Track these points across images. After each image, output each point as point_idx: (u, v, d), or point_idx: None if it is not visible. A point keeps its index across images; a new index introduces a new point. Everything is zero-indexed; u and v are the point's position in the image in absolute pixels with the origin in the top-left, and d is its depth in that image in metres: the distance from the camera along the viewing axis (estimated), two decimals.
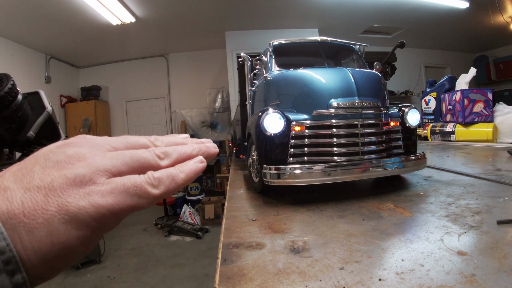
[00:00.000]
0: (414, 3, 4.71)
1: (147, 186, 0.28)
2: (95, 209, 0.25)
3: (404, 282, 0.50)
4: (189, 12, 4.59)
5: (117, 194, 0.26)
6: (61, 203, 0.24)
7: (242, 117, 1.86)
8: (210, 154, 0.36)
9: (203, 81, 6.67)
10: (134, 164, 0.29)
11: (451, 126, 2.97)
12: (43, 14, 4.09)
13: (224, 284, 0.54)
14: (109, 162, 0.28)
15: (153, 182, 0.28)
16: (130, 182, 0.27)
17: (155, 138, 0.34)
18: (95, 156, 0.28)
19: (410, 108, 1.26)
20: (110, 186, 0.26)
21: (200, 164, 0.33)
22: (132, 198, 0.27)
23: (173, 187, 0.30)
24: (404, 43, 2.53)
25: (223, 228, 0.85)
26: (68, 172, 0.26)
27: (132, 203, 0.27)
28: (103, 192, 0.26)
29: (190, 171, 0.31)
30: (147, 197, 0.28)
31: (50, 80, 5.70)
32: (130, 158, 0.29)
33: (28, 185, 0.25)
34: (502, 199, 0.93)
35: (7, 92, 0.73)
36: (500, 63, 7.10)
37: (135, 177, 0.28)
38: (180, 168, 0.31)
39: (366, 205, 0.98)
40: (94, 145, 0.29)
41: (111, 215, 0.26)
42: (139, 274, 3.39)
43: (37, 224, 0.23)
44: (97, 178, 0.26)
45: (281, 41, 1.62)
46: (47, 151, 0.28)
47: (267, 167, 1.06)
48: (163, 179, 0.29)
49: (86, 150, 0.28)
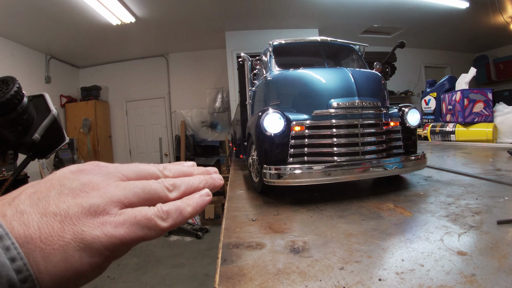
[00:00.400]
0: (414, 3, 4.71)
1: (156, 219, 0.29)
2: (108, 239, 0.26)
3: (404, 282, 0.50)
4: (189, 12, 4.59)
5: (129, 225, 0.28)
6: (77, 231, 0.26)
7: (242, 117, 1.86)
8: (215, 186, 0.37)
9: (203, 81, 6.67)
10: (145, 196, 0.30)
11: (451, 126, 2.97)
12: (43, 14, 4.09)
13: (224, 284, 0.54)
14: (121, 193, 0.29)
15: (162, 215, 0.30)
16: (141, 215, 0.29)
17: (163, 167, 0.35)
18: (108, 186, 0.29)
19: (410, 108, 1.26)
20: (122, 217, 0.28)
21: (207, 198, 0.34)
22: (143, 230, 0.28)
23: (180, 220, 0.31)
24: (404, 43, 2.52)
25: (223, 228, 0.85)
26: (83, 201, 0.27)
27: (142, 234, 0.28)
28: (116, 223, 0.27)
29: (196, 205, 0.33)
30: (156, 229, 0.29)
31: (50, 80, 5.70)
32: (141, 189, 0.30)
33: (44, 211, 0.26)
34: (502, 199, 0.93)
35: (13, 95, 0.73)
36: (500, 63, 7.10)
37: (145, 209, 0.29)
38: (187, 201, 0.32)
39: (366, 205, 0.98)
40: (107, 173, 0.30)
41: (122, 245, 0.27)
42: (139, 274, 3.39)
43: (53, 250, 0.24)
44: (110, 209, 0.28)
45: (281, 41, 1.62)
46: (62, 177, 0.29)
47: (267, 167, 1.06)
48: (171, 212, 0.30)
49: (100, 178, 0.29)
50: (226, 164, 5.52)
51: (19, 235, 0.24)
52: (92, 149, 6.05)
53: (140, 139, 6.88)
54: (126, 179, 0.31)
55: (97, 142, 6.12)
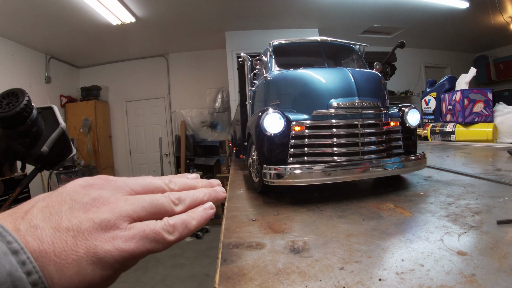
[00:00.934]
0: (414, 3, 4.71)
1: (164, 233, 0.30)
2: (119, 253, 0.28)
3: (404, 282, 0.50)
4: (189, 12, 4.59)
5: (138, 239, 0.29)
6: (89, 246, 0.27)
7: (242, 117, 1.86)
8: (218, 199, 0.39)
9: (203, 81, 6.67)
10: (152, 210, 0.32)
11: (451, 126, 2.97)
12: (43, 14, 4.09)
13: (224, 284, 0.54)
14: (130, 207, 0.30)
15: (169, 229, 0.31)
16: (150, 229, 0.30)
17: (169, 181, 0.37)
18: (117, 201, 0.30)
19: (410, 108, 1.26)
20: (132, 232, 0.29)
21: (210, 211, 0.36)
22: (151, 243, 0.30)
23: (186, 233, 0.33)
24: (404, 43, 2.52)
25: (223, 228, 0.85)
26: (95, 216, 0.28)
27: (150, 247, 0.30)
28: (126, 238, 0.28)
29: (201, 218, 0.34)
30: (164, 242, 0.31)
31: (50, 80, 5.69)
32: (149, 204, 0.31)
33: (57, 226, 0.27)
34: (502, 199, 0.93)
35: (23, 108, 0.74)
36: (500, 63, 7.10)
37: (153, 223, 0.31)
38: (192, 214, 0.34)
39: (366, 205, 0.98)
40: (116, 187, 0.32)
41: (132, 258, 0.29)
42: (139, 274, 3.38)
43: (67, 264, 0.25)
44: (120, 223, 0.29)
45: (281, 41, 1.62)
46: (73, 191, 0.30)
47: (267, 167, 1.06)
48: (177, 226, 0.32)
49: (109, 193, 0.31)
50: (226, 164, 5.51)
51: (34, 249, 0.25)
52: (92, 149, 6.04)
53: (140, 139, 6.88)
54: (134, 193, 0.32)
55: (97, 142, 6.12)
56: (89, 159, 5.93)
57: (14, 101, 0.74)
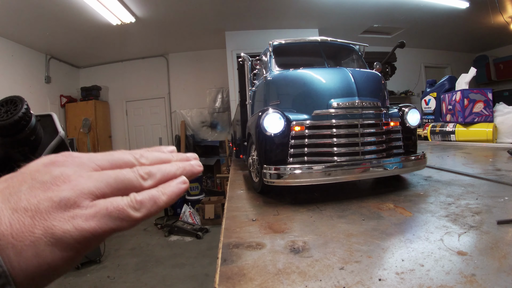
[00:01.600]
0: (414, 3, 4.71)
1: (129, 210, 0.28)
2: (79, 233, 0.26)
3: (404, 282, 0.50)
4: (189, 12, 4.59)
5: (100, 218, 0.27)
6: (47, 226, 0.25)
7: (242, 117, 1.86)
8: (194, 173, 0.36)
9: (203, 81, 6.67)
10: (118, 186, 0.30)
11: (451, 126, 2.97)
12: (43, 14, 4.09)
13: (224, 284, 0.54)
14: (93, 184, 0.28)
15: (135, 205, 0.29)
16: (113, 206, 0.28)
17: (140, 155, 0.34)
18: (80, 178, 0.28)
19: (410, 108, 1.26)
20: (93, 210, 0.27)
21: (183, 185, 0.33)
22: (114, 221, 0.28)
23: (155, 209, 0.30)
24: (404, 43, 2.53)
25: (223, 228, 0.85)
26: (54, 195, 0.26)
27: (114, 226, 0.28)
28: (87, 216, 0.27)
29: (172, 193, 0.32)
30: (129, 220, 0.29)
31: (50, 80, 5.69)
32: (114, 179, 0.29)
33: (15, 206, 0.25)
34: (502, 199, 0.93)
35: (21, 117, 0.73)
36: (500, 63, 7.10)
37: (117, 200, 0.29)
38: (163, 189, 0.31)
39: (366, 205, 0.98)
40: (80, 164, 0.30)
41: (94, 238, 0.27)
42: (139, 274, 3.38)
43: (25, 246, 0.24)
44: (81, 201, 0.27)
45: (281, 41, 1.62)
46: (34, 170, 0.28)
47: (267, 167, 1.06)
48: (145, 202, 0.30)
49: (71, 170, 0.29)
50: (226, 164, 5.52)
51: None
52: (92, 149, 6.04)
53: (140, 139, 6.88)
54: (99, 169, 0.30)
55: (97, 142, 6.12)
56: None
57: (13, 109, 0.73)
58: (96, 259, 3.67)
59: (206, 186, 6.21)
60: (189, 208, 5.15)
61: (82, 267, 3.53)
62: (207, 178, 6.28)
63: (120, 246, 4.26)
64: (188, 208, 5.15)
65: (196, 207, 5.27)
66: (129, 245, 4.30)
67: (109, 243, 4.15)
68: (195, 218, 5.05)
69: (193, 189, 5.62)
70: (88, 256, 3.55)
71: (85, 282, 3.25)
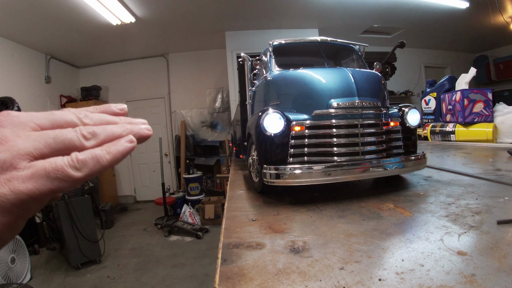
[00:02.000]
0: (414, 3, 4.71)
1: (69, 169, 0.27)
2: (16, 196, 0.25)
3: (404, 282, 0.50)
4: (189, 12, 4.59)
5: (38, 178, 0.26)
6: None
7: (242, 117, 1.86)
8: (142, 136, 0.33)
9: (203, 81, 6.66)
10: (58, 146, 0.28)
11: (451, 126, 2.97)
12: (43, 14, 4.09)
13: (224, 284, 0.54)
14: (31, 144, 0.27)
15: (75, 164, 0.28)
16: (52, 166, 0.27)
17: (84, 115, 0.32)
18: (17, 138, 0.27)
19: (410, 108, 1.26)
20: (30, 171, 0.26)
21: (129, 144, 0.31)
22: (53, 182, 0.27)
23: (98, 169, 0.29)
24: (404, 43, 2.53)
25: (223, 228, 0.85)
26: None
27: (53, 186, 0.27)
28: (24, 178, 0.26)
29: (117, 152, 0.30)
30: (69, 180, 0.27)
31: (50, 80, 5.69)
32: (53, 139, 0.28)
33: None
34: (502, 199, 0.93)
35: None
36: (500, 63, 7.10)
37: (57, 159, 0.27)
38: (107, 148, 0.30)
39: (366, 205, 0.98)
40: (18, 124, 0.29)
41: (32, 200, 0.26)
42: (139, 274, 3.38)
43: None
44: (18, 163, 0.26)
45: (281, 41, 1.62)
46: None
47: (267, 167, 1.06)
48: (87, 161, 0.28)
49: (9, 131, 0.28)
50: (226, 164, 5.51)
51: None
52: None
53: None
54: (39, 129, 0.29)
55: None
56: None
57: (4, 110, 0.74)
58: (96, 259, 3.67)
59: (206, 186, 6.21)
60: (189, 208, 5.15)
61: (82, 267, 3.53)
62: (207, 178, 6.28)
63: (120, 246, 4.26)
64: (188, 208, 5.15)
65: (196, 207, 5.27)
66: (129, 245, 4.30)
67: (109, 243, 4.16)
68: (195, 218, 5.05)
69: (193, 189, 5.62)
70: (88, 256, 3.56)
71: (85, 282, 3.24)
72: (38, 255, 3.94)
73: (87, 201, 3.73)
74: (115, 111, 0.35)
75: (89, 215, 3.71)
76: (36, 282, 3.23)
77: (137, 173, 6.90)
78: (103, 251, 3.80)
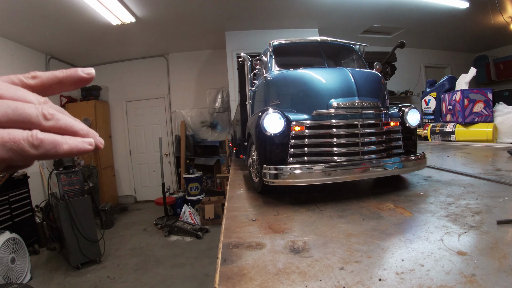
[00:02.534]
0: (414, 3, 4.71)
1: (25, 144, 0.27)
2: None
3: (404, 282, 0.50)
4: (189, 12, 4.59)
5: None
6: None
7: (242, 117, 1.86)
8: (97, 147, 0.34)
9: (203, 81, 6.66)
10: (16, 118, 0.28)
11: (451, 126, 2.97)
12: (43, 14, 4.09)
13: (224, 284, 0.54)
14: None
15: (34, 141, 0.28)
16: (9, 137, 0.27)
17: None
18: None
19: (410, 108, 1.26)
20: None
21: (88, 146, 0.32)
22: (7, 152, 0.27)
23: (53, 153, 0.29)
24: (404, 43, 2.53)
25: (223, 228, 0.85)
26: None
27: (7, 157, 0.27)
28: None
29: (75, 147, 0.30)
30: (24, 155, 0.27)
31: None
32: (12, 110, 0.28)
33: None
34: (502, 199, 0.93)
35: None
36: (500, 63, 7.10)
37: (16, 132, 0.27)
38: (68, 139, 0.30)
39: (366, 205, 0.98)
40: None
41: None
42: (139, 274, 3.38)
43: None
44: None
45: (281, 41, 1.62)
46: None
47: (267, 167, 1.06)
48: (46, 143, 0.28)
49: None
50: (226, 164, 5.51)
51: None
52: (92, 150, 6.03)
53: (140, 139, 6.88)
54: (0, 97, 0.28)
55: None
56: (89, 159, 5.93)
57: None
58: (96, 259, 3.68)
59: (206, 186, 6.20)
60: (189, 208, 5.15)
61: (82, 267, 3.53)
62: (207, 178, 6.28)
63: (120, 246, 4.26)
64: (188, 208, 5.15)
65: (196, 207, 5.27)
66: (129, 245, 4.30)
67: (109, 243, 4.16)
68: (195, 218, 5.05)
69: (193, 189, 5.62)
70: (88, 256, 3.55)
71: (85, 282, 3.24)
72: (38, 255, 3.94)
73: (87, 201, 3.73)
74: (82, 75, 0.35)
75: (89, 215, 3.71)
76: (36, 282, 3.23)
77: (137, 173, 6.89)
78: (103, 251, 3.80)
